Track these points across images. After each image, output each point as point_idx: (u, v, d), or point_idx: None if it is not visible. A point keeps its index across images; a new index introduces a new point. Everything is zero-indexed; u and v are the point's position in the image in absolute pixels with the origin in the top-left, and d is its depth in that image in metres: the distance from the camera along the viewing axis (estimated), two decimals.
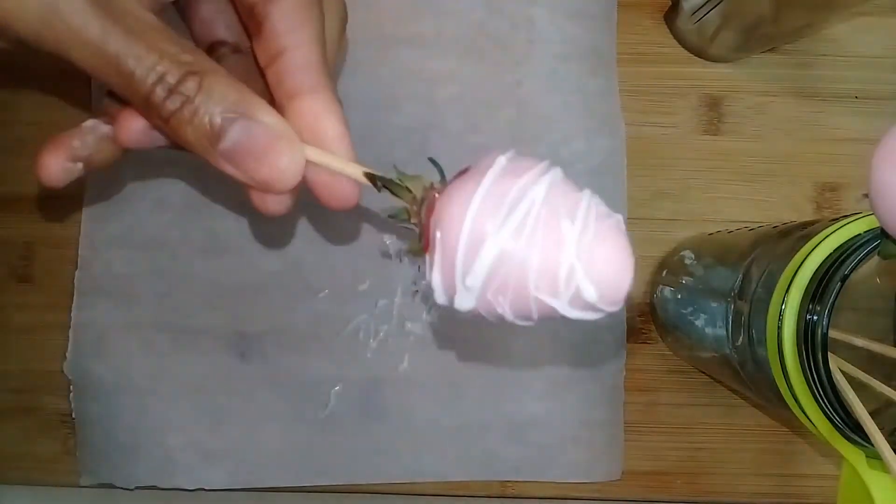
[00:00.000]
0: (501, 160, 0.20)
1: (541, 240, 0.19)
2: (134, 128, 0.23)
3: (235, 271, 0.39)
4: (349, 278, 0.39)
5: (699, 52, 0.41)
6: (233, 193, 0.39)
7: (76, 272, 0.39)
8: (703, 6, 0.37)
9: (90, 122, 0.25)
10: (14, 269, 0.40)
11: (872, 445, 0.23)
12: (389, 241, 0.39)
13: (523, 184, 0.19)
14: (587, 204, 0.19)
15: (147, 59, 0.20)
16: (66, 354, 0.39)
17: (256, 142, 0.21)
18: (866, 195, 0.20)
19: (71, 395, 0.39)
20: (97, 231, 0.39)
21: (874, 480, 0.23)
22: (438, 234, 0.20)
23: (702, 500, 0.39)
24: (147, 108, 0.20)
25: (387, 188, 0.22)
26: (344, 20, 0.26)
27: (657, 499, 0.39)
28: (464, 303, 0.20)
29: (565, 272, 0.19)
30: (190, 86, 0.20)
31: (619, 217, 0.20)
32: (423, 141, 0.39)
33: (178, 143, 0.21)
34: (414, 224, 0.22)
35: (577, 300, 0.19)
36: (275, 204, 0.24)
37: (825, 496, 0.39)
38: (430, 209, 0.21)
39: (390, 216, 0.22)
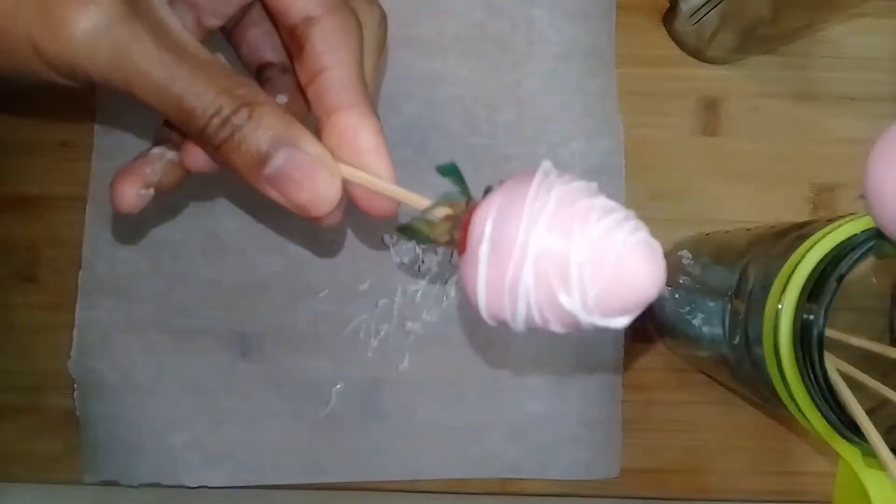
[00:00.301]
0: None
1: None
2: (200, 155, 0.24)
3: (236, 271, 0.39)
4: (349, 278, 0.39)
5: (697, 54, 0.41)
6: (234, 195, 0.39)
7: (80, 272, 0.39)
8: (701, 8, 0.37)
9: (158, 150, 0.26)
10: (19, 270, 0.40)
11: (869, 444, 0.23)
12: (390, 240, 0.39)
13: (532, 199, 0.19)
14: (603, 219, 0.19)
15: (206, 95, 0.21)
16: (71, 354, 0.39)
17: (298, 168, 0.22)
18: (862, 196, 0.20)
19: (75, 393, 0.39)
20: (101, 232, 0.39)
21: (870, 478, 0.24)
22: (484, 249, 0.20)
23: (699, 498, 0.40)
24: (201, 137, 0.22)
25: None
26: (383, 26, 0.27)
27: (655, 496, 0.40)
28: (519, 315, 0.20)
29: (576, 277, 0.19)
30: (241, 116, 0.21)
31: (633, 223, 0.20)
32: (422, 141, 0.39)
33: (228, 168, 0.22)
34: (446, 243, 0.22)
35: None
36: (325, 218, 0.24)
37: (822, 494, 0.39)
38: (464, 229, 0.21)
39: (402, 231, 0.23)
